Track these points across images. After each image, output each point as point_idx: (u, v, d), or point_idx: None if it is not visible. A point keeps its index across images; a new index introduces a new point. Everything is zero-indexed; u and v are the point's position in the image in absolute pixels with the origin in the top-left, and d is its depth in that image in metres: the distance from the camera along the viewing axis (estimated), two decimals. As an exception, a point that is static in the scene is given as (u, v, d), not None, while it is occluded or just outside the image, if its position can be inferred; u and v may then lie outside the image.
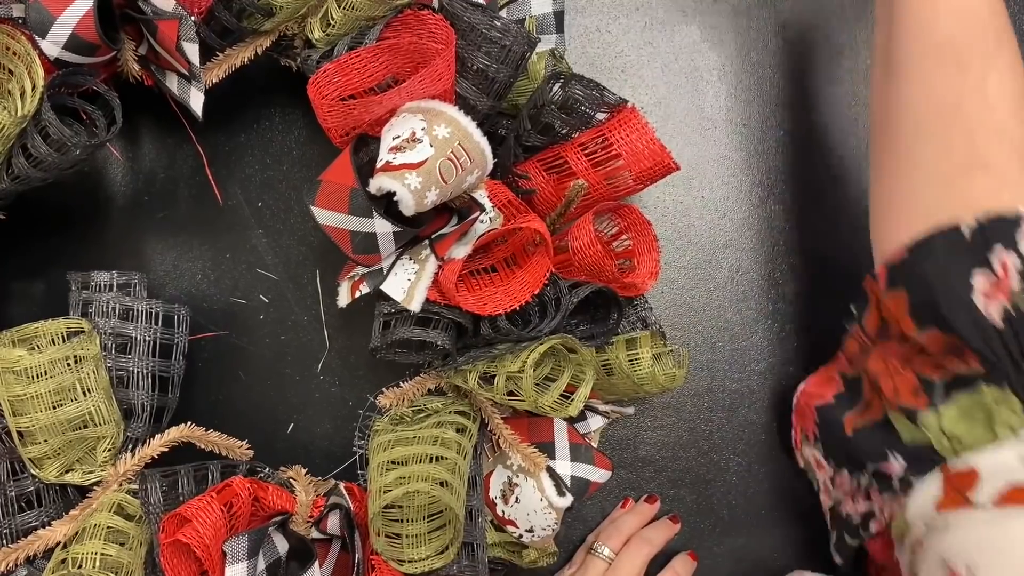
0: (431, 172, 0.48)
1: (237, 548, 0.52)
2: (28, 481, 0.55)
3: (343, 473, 0.63)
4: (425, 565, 0.53)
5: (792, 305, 0.66)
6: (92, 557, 0.52)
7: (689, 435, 0.66)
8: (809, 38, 0.66)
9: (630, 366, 0.55)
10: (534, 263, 0.55)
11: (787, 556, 0.66)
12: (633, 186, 0.55)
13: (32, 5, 0.50)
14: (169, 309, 0.57)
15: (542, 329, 0.54)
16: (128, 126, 0.56)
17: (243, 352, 0.64)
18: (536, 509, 0.55)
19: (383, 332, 0.55)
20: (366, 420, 0.61)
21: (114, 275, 0.57)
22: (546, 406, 0.53)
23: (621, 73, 0.66)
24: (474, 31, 0.51)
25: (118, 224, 0.64)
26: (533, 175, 0.56)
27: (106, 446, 0.55)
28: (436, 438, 0.54)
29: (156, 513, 0.54)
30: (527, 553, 0.60)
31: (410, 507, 0.53)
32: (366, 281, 0.54)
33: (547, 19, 0.57)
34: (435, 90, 0.51)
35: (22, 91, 0.51)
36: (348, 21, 0.53)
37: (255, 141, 0.64)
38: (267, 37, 0.56)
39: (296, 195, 0.64)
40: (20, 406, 0.53)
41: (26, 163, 0.52)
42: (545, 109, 0.53)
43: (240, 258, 0.64)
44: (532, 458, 0.55)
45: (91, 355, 0.54)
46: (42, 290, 0.63)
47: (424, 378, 0.60)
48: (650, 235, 0.57)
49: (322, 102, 0.51)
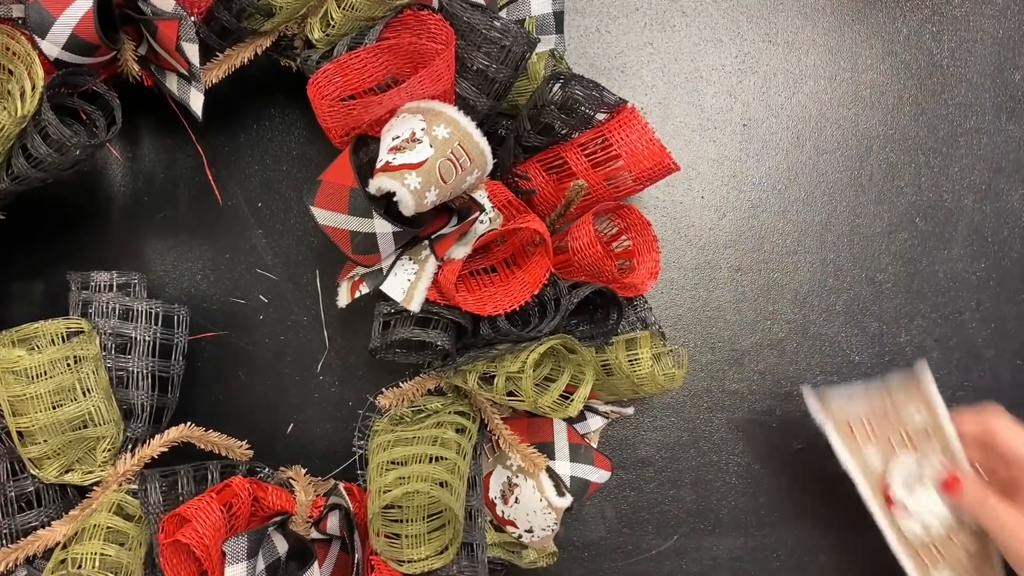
0: (431, 172, 0.48)
1: (237, 548, 0.52)
2: (28, 481, 0.55)
3: (343, 473, 0.63)
4: (425, 565, 0.53)
5: (792, 305, 0.66)
6: (92, 557, 0.52)
7: (689, 435, 0.66)
8: (807, 38, 0.66)
9: (630, 366, 0.55)
10: (534, 263, 0.55)
11: (787, 556, 0.66)
12: (633, 186, 0.55)
13: (32, 5, 0.50)
14: (169, 309, 0.57)
15: (542, 329, 0.54)
16: (128, 126, 0.56)
17: (243, 352, 0.64)
18: (536, 509, 0.55)
19: (383, 332, 0.55)
20: (366, 420, 0.61)
21: (114, 275, 0.57)
22: (546, 406, 0.53)
23: (621, 73, 0.66)
24: (474, 31, 0.51)
25: (118, 224, 0.64)
26: (533, 175, 0.56)
27: (106, 446, 0.55)
28: (436, 438, 0.54)
29: (156, 513, 0.54)
30: (527, 553, 0.60)
31: (410, 507, 0.53)
32: (366, 281, 0.54)
33: (547, 19, 0.57)
34: (435, 90, 0.51)
35: (22, 91, 0.51)
36: (348, 21, 0.53)
37: (255, 141, 0.64)
38: (267, 37, 0.56)
39: (296, 195, 0.64)
40: (20, 406, 0.53)
41: (26, 163, 0.52)
42: (545, 109, 0.53)
43: (240, 258, 0.64)
44: (532, 458, 0.55)
45: (91, 355, 0.54)
46: (42, 290, 0.63)
47: (424, 378, 0.60)
48: (650, 235, 0.57)
49: (322, 102, 0.51)
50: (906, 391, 0.58)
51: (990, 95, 0.66)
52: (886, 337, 0.66)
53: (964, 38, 0.66)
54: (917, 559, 0.59)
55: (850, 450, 0.59)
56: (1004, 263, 0.66)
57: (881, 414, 0.58)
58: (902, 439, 0.58)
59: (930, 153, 0.66)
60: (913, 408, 0.58)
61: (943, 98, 0.66)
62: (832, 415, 0.59)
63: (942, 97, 0.66)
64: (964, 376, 0.66)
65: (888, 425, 0.59)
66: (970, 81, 0.66)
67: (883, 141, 0.66)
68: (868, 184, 0.66)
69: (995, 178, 0.66)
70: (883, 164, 0.66)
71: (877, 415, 0.59)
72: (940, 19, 0.66)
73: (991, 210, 0.66)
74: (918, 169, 0.66)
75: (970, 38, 0.66)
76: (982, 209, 0.66)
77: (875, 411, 0.59)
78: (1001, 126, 0.66)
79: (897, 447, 0.58)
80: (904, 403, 0.58)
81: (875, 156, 0.66)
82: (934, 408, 0.57)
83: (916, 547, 0.59)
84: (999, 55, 0.66)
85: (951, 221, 0.66)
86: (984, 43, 0.66)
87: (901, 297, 0.66)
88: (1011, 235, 0.66)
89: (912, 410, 0.58)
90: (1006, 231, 0.66)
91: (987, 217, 0.66)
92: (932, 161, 0.66)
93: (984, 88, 0.66)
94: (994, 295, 0.66)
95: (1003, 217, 0.66)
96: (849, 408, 0.59)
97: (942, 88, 0.66)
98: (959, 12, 0.66)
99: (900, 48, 0.66)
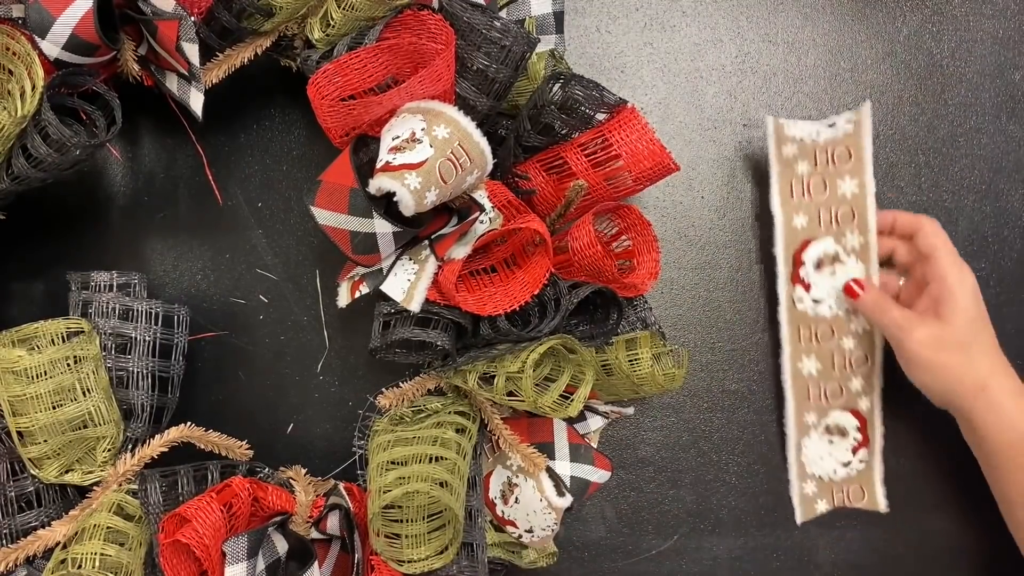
0: (431, 172, 0.48)
1: (237, 548, 0.52)
2: (28, 481, 0.55)
3: (343, 473, 0.63)
4: (425, 565, 0.53)
5: (792, 305, 0.66)
6: (92, 557, 0.52)
7: (689, 435, 0.66)
8: (807, 38, 0.66)
9: (630, 366, 0.55)
10: (534, 263, 0.55)
11: (787, 556, 0.66)
12: (633, 187, 0.55)
13: (32, 5, 0.50)
14: (169, 309, 0.57)
15: (542, 329, 0.54)
16: (128, 126, 0.56)
17: (243, 352, 0.64)
18: (536, 509, 0.55)
19: (383, 332, 0.55)
20: (366, 420, 0.61)
21: (114, 275, 0.57)
22: (546, 406, 0.53)
23: (621, 73, 0.66)
24: (474, 31, 0.51)
25: (118, 224, 0.64)
26: (533, 175, 0.56)
27: (106, 446, 0.55)
28: (436, 438, 0.54)
29: (156, 513, 0.54)
30: (527, 553, 0.60)
31: (410, 507, 0.53)
32: (366, 281, 0.54)
33: (547, 19, 0.57)
34: (435, 90, 0.51)
35: (22, 91, 0.51)
36: (348, 21, 0.53)
37: (255, 141, 0.64)
38: (267, 37, 0.56)
39: (296, 195, 0.64)
40: (20, 406, 0.53)
41: (26, 163, 0.52)
42: (545, 109, 0.53)
43: (240, 258, 0.64)
44: (532, 458, 0.55)
45: (91, 355, 0.54)
46: (42, 290, 0.63)
47: (424, 378, 0.60)
48: (650, 235, 0.57)
49: (322, 102, 0.51)
50: (848, 136, 0.60)
51: (990, 95, 0.66)
52: (886, 337, 0.66)
53: (964, 38, 0.66)
54: (795, 340, 0.62)
55: (784, 206, 0.61)
56: (1004, 263, 0.66)
57: (821, 172, 0.61)
58: (830, 218, 0.61)
59: (930, 153, 0.66)
60: (848, 176, 0.60)
61: (943, 98, 0.66)
62: (781, 157, 0.61)
63: (942, 97, 0.66)
64: (964, 376, 0.66)
65: (821, 196, 0.61)
66: (970, 81, 0.66)
67: (883, 141, 0.66)
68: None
69: (995, 178, 0.66)
70: (883, 164, 0.66)
71: (818, 174, 0.61)
72: (940, 19, 0.66)
73: (991, 210, 0.66)
74: (918, 169, 0.66)
75: (970, 38, 0.66)
76: (982, 209, 0.66)
77: (817, 168, 0.61)
78: (1001, 126, 0.66)
79: (823, 226, 0.61)
80: (842, 163, 0.60)
81: (875, 156, 0.66)
82: (860, 150, 0.60)
83: (799, 325, 0.62)
84: (999, 55, 0.66)
85: (951, 221, 0.66)
86: (984, 43, 0.66)
87: (901, 297, 0.66)
88: (1011, 235, 0.66)
89: (847, 179, 0.60)
90: (1006, 231, 0.66)
91: (987, 217, 0.66)
92: (932, 161, 0.66)
93: (984, 88, 0.66)
94: (994, 295, 0.66)
95: (1003, 217, 0.66)
96: (799, 151, 0.61)
97: (942, 88, 0.66)
98: (959, 12, 0.66)
99: (900, 48, 0.66)
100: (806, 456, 0.64)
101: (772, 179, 0.62)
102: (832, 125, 0.61)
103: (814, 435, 0.64)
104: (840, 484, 0.64)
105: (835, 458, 0.63)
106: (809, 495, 0.64)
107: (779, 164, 0.61)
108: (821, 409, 0.64)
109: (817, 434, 0.64)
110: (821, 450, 0.64)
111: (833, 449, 0.63)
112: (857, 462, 0.63)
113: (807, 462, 0.64)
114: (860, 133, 0.60)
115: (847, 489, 0.64)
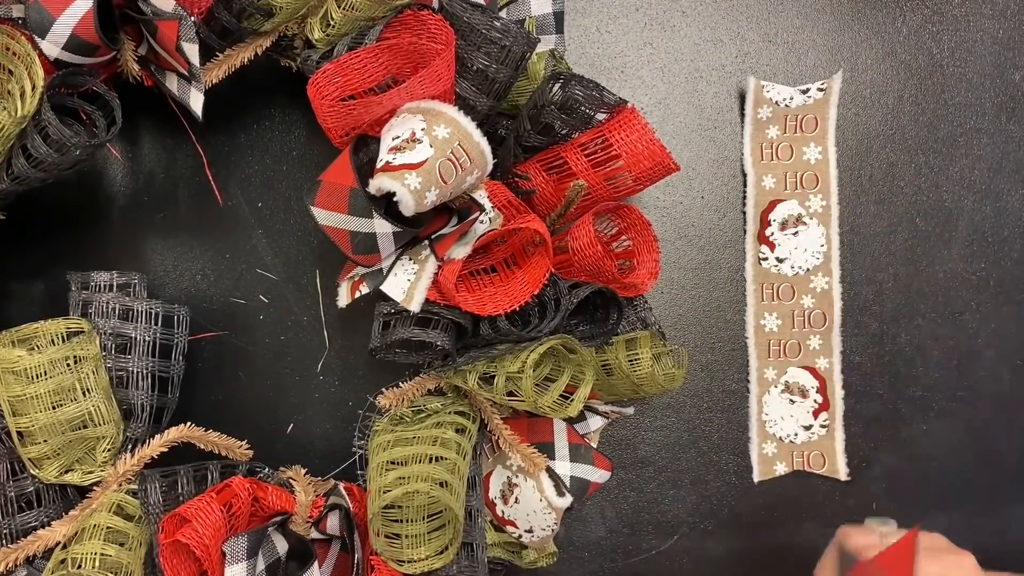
0: (431, 172, 0.48)
1: (237, 548, 0.52)
2: (28, 481, 0.55)
3: (343, 473, 0.63)
4: (425, 565, 0.53)
5: (792, 305, 0.66)
6: (92, 557, 0.52)
7: (689, 435, 0.66)
8: (807, 38, 0.66)
9: (630, 366, 0.55)
10: (534, 263, 0.55)
11: (787, 556, 0.66)
12: (633, 186, 0.55)
13: (32, 5, 0.50)
14: (169, 309, 0.57)
15: (542, 329, 0.54)
16: (128, 126, 0.56)
17: (243, 352, 0.64)
18: (536, 509, 0.55)
19: (383, 332, 0.55)
20: (366, 420, 0.61)
21: (114, 275, 0.57)
22: (546, 406, 0.53)
23: (621, 73, 0.66)
24: (474, 31, 0.51)
25: (118, 224, 0.64)
26: (533, 175, 0.56)
27: (106, 446, 0.55)
28: (436, 438, 0.54)
29: (156, 513, 0.54)
30: (527, 553, 0.60)
31: (410, 507, 0.53)
32: (366, 281, 0.54)
33: (547, 19, 0.57)
34: (435, 90, 0.51)
35: (22, 91, 0.51)
36: (348, 21, 0.53)
37: (255, 141, 0.64)
38: (267, 37, 0.56)
39: (296, 195, 0.64)
40: (20, 406, 0.53)
41: (26, 163, 0.52)
42: (545, 109, 0.53)
43: (240, 258, 0.64)
44: (532, 458, 0.55)
45: (91, 355, 0.54)
46: (42, 290, 0.63)
47: (424, 378, 0.60)
48: (650, 235, 0.57)
49: (322, 102, 0.51)
50: (817, 103, 0.64)
51: (990, 95, 0.66)
52: (886, 337, 0.66)
53: (964, 38, 0.66)
54: (759, 297, 0.65)
55: (755, 166, 0.64)
56: (1004, 263, 0.66)
57: (789, 139, 0.64)
58: (796, 181, 0.64)
59: (930, 153, 0.66)
60: (812, 143, 0.63)
61: (943, 98, 0.66)
62: (756, 119, 0.64)
63: (942, 97, 0.66)
64: (964, 376, 0.66)
65: (788, 160, 0.64)
66: (970, 81, 0.66)
67: (883, 141, 0.66)
68: (868, 184, 0.66)
69: (995, 178, 0.66)
70: (883, 164, 0.66)
71: (786, 140, 0.64)
72: (940, 19, 0.66)
73: (991, 210, 0.66)
74: (918, 169, 0.66)
75: (970, 38, 0.66)
76: (982, 209, 0.66)
77: (786, 133, 0.64)
78: (1001, 126, 0.66)
79: (789, 188, 0.64)
80: (808, 130, 0.64)
81: (875, 156, 0.66)
82: (826, 119, 0.64)
83: (763, 283, 0.65)
84: (999, 55, 0.66)
85: (951, 221, 0.66)
86: (984, 43, 0.66)
87: (901, 297, 0.66)
88: (1011, 235, 0.66)
89: (812, 146, 0.63)
90: (1006, 231, 0.66)
91: (987, 217, 0.66)
92: (932, 161, 0.66)
93: (984, 88, 0.66)
94: (994, 295, 0.66)
95: (1003, 217, 0.66)
96: (772, 115, 0.64)
97: (942, 88, 0.66)
98: (959, 12, 0.66)
99: (900, 48, 0.66)
100: (767, 415, 0.65)
101: (745, 139, 0.65)
102: (805, 91, 0.64)
103: (774, 392, 0.65)
104: (800, 448, 0.65)
105: (796, 420, 0.65)
106: (768, 456, 0.65)
107: (752, 125, 0.64)
108: (780, 365, 0.65)
109: (777, 391, 0.65)
110: (782, 410, 0.65)
111: (794, 410, 0.65)
112: (818, 426, 0.65)
113: (768, 420, 0.65)
114: (828, 102, 0.63)
115: (807, 454, 0.65)
